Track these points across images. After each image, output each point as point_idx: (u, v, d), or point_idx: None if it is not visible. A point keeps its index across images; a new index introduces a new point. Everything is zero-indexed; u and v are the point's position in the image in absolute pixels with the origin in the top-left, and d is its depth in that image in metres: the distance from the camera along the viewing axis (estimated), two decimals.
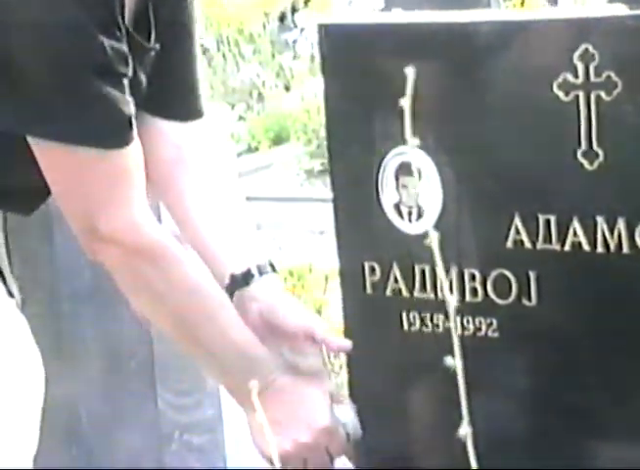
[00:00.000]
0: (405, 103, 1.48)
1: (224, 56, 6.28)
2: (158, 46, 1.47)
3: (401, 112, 1.60)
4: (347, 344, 1.57)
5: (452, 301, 1.43)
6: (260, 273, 1.55)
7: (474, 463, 1.01)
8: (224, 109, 5.43)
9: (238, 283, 1.54)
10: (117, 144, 1.37)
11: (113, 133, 1.38)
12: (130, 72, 1.38)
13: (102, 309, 2.38)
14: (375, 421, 1.61)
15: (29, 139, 1.37)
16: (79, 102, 1.36)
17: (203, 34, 6.25)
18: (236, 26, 6.47)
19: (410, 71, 1.47)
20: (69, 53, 1.34)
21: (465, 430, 0.98)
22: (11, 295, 1.50)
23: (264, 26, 6.53)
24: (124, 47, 1.37)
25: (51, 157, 1.37)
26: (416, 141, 1.48)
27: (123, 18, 1.37)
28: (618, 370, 1.51)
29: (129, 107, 1.38)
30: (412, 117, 1.44)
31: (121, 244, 1.40)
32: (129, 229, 1.40)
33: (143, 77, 1.47)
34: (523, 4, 4.70)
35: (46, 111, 1.35)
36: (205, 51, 6.11)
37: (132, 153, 1.39)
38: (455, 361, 1.04)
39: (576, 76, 1.47)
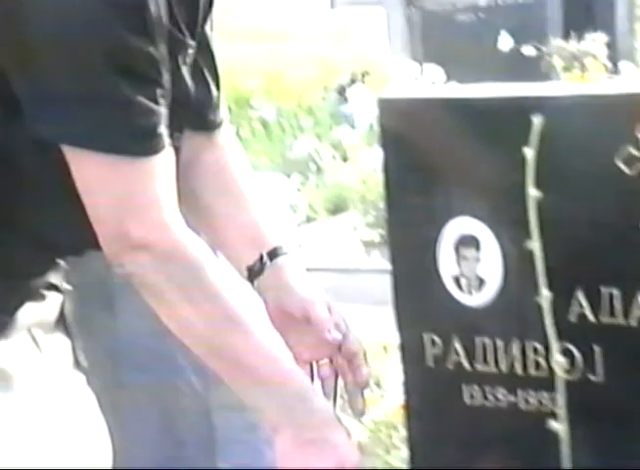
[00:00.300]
0: (529, 153, 1.49)
1: (283, 128, 6.34)
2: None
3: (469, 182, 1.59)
4: (338, 336, 1.53)
5: (560, 362, 1.42)
6: (271, 258, 1.54)
7: None
8: (282, 180, 5.46)
9: (254, 274, 1.53)
10: (145, 151, 1.35)
11: (139, 140, 1.36)
12: (164, 78, 1.36)
13: (161, 380, 2.38)
14: None
15: (63, 147, 1.34)
16: (105, 107, 1.34)
17: (263, 106, 6.33)
18: (295, 100, 6.54)
19: (537, 120, 1.49)
20: (95, 56, 1.32)
21: None
22: (78, 364, 1.51)
23: (323, 99, 6.59)
24: (157, 52, 1.34)
25: (79, 163, 1.35)
26: (537, 193, 1.49)
27: (162, 18, 1.35)
28: None
29: (158, 114, 1.35)
30: (534, 168, 1.44)
31: (152, 249, 1.37)
32: (160, 233, 1.37)
33: (188, 79, 1.45)
34: (583, 77, 4.56)
35: (71, 116, 1.33)
36: (264, 123, 6.18)
37: (162, 159, 1.36)
38: (559, 425, 1.03)
39: (639, 149, 1.46)
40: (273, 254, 1.56)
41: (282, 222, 2.03)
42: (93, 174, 1.36)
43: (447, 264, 1.60)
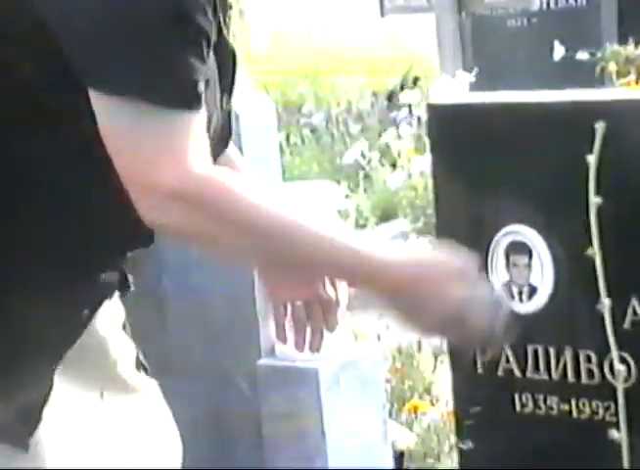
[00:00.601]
0: (592, 159, 1.48)
1: (332, 135, 6.36)
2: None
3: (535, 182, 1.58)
4: (332, 293, 1.53)
5: (623, 371, 1.41)
6: None
7: None
8: (332, 186, 5.47)
9: None
10: (185, 105, 1.36)
11: (182, 93, 1.36)
12: (212, 39, 1.37)
13: (212, 388, 2.40)
14: None
15: (93, 95, 1.34)
16: (154, 58, 1.36)
17: (312, 112, 6.36)
18: (345, 105, 6.56)
19: (600, 126, 1.48)
20: (150, 8, 1.33)
21: None
22: (140, 365, 1.52)
23: (372, 106, 6.60)
24: (210, 12, 1.36)
25: (113, 110, 1.35)
26: (598, 200, 1.48)
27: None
28: None
29: (201, 72, 1.36)
30: (596, 175, 1.43)
31: (186, 196, 1.36)
32: (191, 180, 1.36)
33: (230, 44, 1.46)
34: (638, 82, 4.47)
35: (119, 63, 1.34)
36: (313, 130, 6.20)
37: (199, 117, 1.36)
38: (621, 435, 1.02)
39: None
40: None
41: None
42: (131, 124, 1.36)
43: (498, 271, 1.60)
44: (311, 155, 5.99)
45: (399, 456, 2.59)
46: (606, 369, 1.53)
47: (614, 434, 1.05)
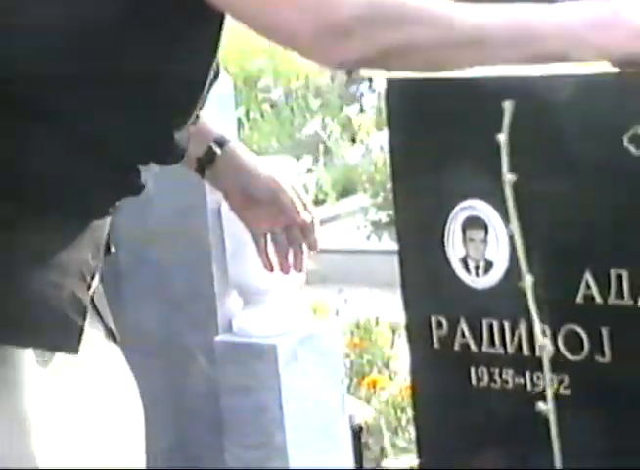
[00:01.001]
0: (502, 138, 1.48)
1: (292, 109, 6.33)
2: None
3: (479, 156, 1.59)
4: (308, 218, 1.69)
5: (547, 345, 1.42)
6: (220, 146, 1.68)
7: None
8: (291, 161, 5.46)
9: (204, 162, 1.67)
10: None
11: None
12: None
13: (170, 363, 2.39)
14: None
15: None
16: None
17: (271, 88, 6.31)
18: (304, 80, 6.52)
19: (508, 106, 1.47)
20: None
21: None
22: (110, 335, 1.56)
23: (332, 80, 6.57)
24: None
25: None
26: (512, 177, 1.47)
27: None
28: None
29: None
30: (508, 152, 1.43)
31: (367, 17, 1.34)
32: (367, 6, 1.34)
33: None
34: None
35: None
36: (273, 104, 6.16)
37: None
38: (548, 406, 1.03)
39: None
40: (220, 141, 1.69)
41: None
42: None
43: (455, 246, 1.59)
44: (271, 130, 5.96)
45: (358, 430, 2.60)
46: (560, 343, 1.52)
47: (541, 406, 1.07)
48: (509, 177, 1.49)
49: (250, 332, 2.38)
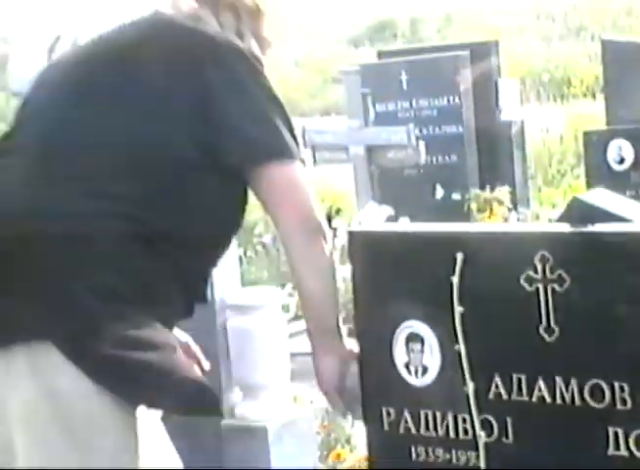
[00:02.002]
0: (455, 279, 1.46)
1: (278, 250, 6.29)
2: None
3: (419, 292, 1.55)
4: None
5: (482, 435, 1.37)
6: None
7: None
8: (277, 289, 5.39)
9: None
10: (298, 156, 1.40)
11: (296, 147, 1.41)
12: None
13: (184, 443, 2.28)
14: None
15: (254, 176, 1.37)
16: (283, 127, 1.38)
17: (263, 234, 6.30)
18: None
19: (459, 257, 1.46)
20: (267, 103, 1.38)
21: None
22: None
23: None
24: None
25: (273, 177, 1.37)
26: (461, 309, 1.45)
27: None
28: None
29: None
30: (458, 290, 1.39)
31: (324, 231, 1.43)
32: (319, 220, 1.43)
33: None
34: (490, 216, 4.44)
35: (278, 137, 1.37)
36: (264, 246, 6.15)
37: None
38: None
39: (537, 273, 1.43)
40: None
41: None
42: (288, 179, 1.38)
43: (399, 355, 1.56)
44: (262, 265, 5.92)
45: None
46: (477, 428, 1.48)
47: None
48: (459, 309, 1.47)
49: (247, 417, 2.31)
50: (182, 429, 2.08)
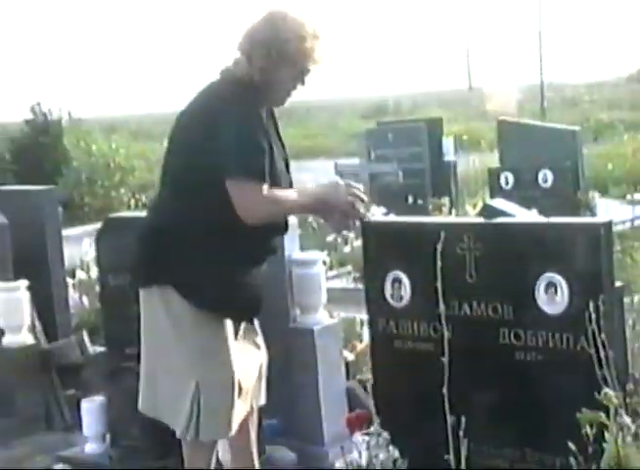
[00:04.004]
0: (439, 247, 2.04)
1: (316, 229, 6.44)
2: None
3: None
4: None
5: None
6: None
7: None
8: (320, 252, 4.42)
9: None
10: (264, 179, 2.10)
11: (263, 172, 2.09)
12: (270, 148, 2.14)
13: None
14: None
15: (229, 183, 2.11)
16: (255, 155, 2.08)
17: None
18: None
19: (442, 235, 2.00)
20: (254, 131, 2.08)
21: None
22: None
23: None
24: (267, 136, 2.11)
25: (240, 188, 2.07)
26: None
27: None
28: None
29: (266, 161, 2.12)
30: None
31: (268, 207, 2.13)
32: (268, 195, 2.11)
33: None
34: (440, 214, 6.24)
35: (242, 161, 2.06)
36: (312, 226, 6.43)
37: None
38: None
39: (465, 244, 2.10)
40: None
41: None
42: (249, 192, 2.08)
43: (388, 289, 2.22)
44: (310, 237, 6.21)
45: None
46: (431, 327, 2.19)
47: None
48: (439, 264, 2.01)
49: (303, 323, 2.92)
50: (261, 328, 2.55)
